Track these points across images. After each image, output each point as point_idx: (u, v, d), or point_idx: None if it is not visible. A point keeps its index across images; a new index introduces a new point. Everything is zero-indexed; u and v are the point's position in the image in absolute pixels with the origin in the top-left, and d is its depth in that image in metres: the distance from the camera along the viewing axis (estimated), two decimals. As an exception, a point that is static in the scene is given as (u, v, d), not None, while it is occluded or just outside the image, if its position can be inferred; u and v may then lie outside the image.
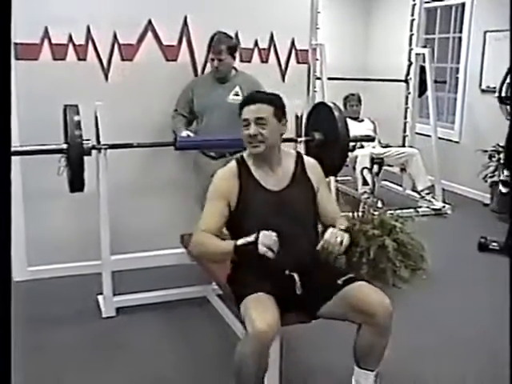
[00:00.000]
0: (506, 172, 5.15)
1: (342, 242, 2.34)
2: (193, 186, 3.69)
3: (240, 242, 2.26)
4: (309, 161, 2.64)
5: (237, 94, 3.54)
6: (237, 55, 3.66)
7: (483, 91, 6.18)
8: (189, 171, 3.80)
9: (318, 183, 2.61)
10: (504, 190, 5.09)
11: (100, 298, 3.43)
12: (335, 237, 2.35)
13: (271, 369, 2.56)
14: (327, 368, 2.74)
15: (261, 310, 2.14)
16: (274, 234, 2.22)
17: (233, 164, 2.51)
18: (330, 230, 2.39)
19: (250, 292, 2.25)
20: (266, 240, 2.19)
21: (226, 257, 2.39)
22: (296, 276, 2.37)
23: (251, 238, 2.22)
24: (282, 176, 2.50)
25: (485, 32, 6.08)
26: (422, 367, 2.86)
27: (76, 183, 2.97)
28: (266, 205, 2.41)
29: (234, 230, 2.45)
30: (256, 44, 4.10)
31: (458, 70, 6.73)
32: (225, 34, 3.59)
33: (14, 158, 3.49)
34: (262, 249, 2.17)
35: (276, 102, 2.44)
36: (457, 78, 6.76)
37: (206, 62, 3.82)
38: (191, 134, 3.39)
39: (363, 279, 2.44)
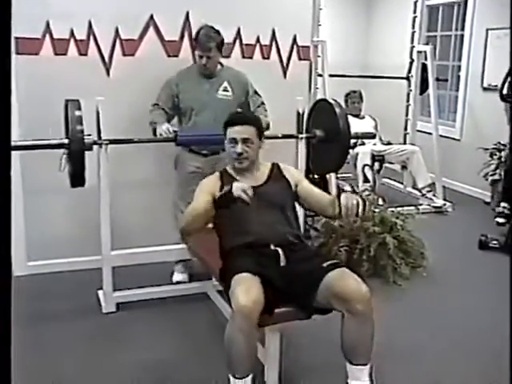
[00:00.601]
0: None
1: (358, 203, 2.42)
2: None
3: (218, 194, 2.55)
4: (285, 166, 2.93)
5: (226, 90, 3.49)
6: (223, 49, 3.54)
7: (485, 89, 6.17)
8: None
9: (296, 181, 2.85)
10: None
11: (100, 293, 3.43)
12: (350, 199, 2.43)
13: (271, 365, 2.58)
14: (327, 365, 2.74)
15: (244, 288, 2.24)
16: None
17: (217, 173, 2.85)
18: (343, 195, 2.47)
19: (236, 273, 2.36)
20: (240, 185, 2.42)
21: (208, 213, 2.57)
22: (280, 250, 2.55)
23: (227, 188, 2.45)
24: (259, 177, 2.80)
25: (487, 30, 6.06)
26: (420, 364, 2.86)
27: (77, 178, 2.96)
28: (244, 210, 2.52)
29: (218, 224, 2.72)
30: (258, 40, 4.09)
31: (459, 67, 6.72)
32: (212, 28, 3.43)
33: (14, 154, 3.49)
34: (236, 192, 2.37)
35: (258, 124, 2.79)
36: (458, 76, 6.74)
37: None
38: (171, 128, 3.26)
39: (344, 265, 2.51)
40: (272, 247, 2.58)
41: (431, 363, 2.87)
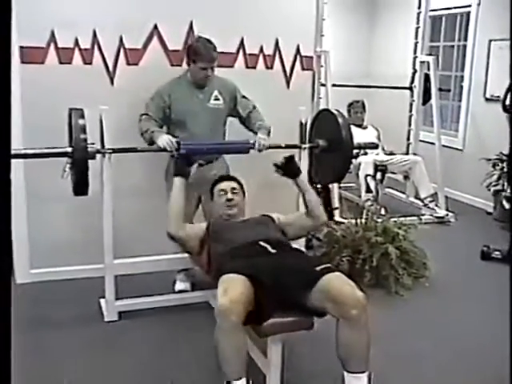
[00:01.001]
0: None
1: None
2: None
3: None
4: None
5: (217, 99, 3.48)
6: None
7: (487, 100, 6.18)
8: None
9: (277, 216, 3.12)
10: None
11: (102, 301, 3.43)
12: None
13: (273, 375, 2.58)
14: (329, 373, 2.73)
15: (225, 288, 2.32)
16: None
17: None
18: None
19: (221, 275, 2.45)
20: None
21: (178, 190, 3.02)
22: (269, 246, 2.71)
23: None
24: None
25: (490, 40, 6.08)
26: (422, 374, 2.85)
27: (80, 187, 2.97)
28: (235, 226, 2.98)
29: (210, 253, 2.94)
30: (261, 50, 4.11)
31: (462, 78, 6.73)
32: (207, 39, 3.40)
33: (17, 162, 3.51)
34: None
35: (241, 183, 3.21)
36: (461, 87, 6.76)
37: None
38: (173, 140, 3.19)
39: (339, 270, 2.59)
40: (261, 243, 2.73)
41: (433, 373, 2.86)
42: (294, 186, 3.17)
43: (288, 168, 3.08)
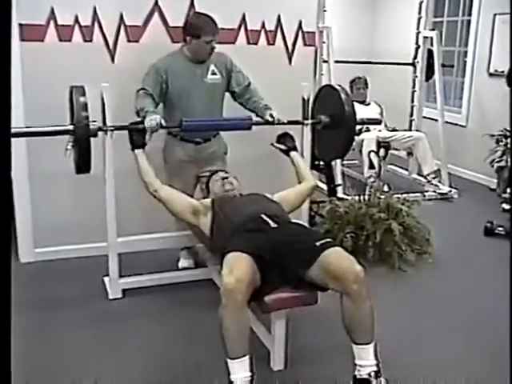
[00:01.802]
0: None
1: None
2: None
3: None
4: None
5: (214, 73, 3.43)
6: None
7: (491, 75, 6.12)
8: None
9: (270, 196, 3.14)
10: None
11: (106, 279, 3.45)
12: None
13: (277, 350, 2.60)
14: (333, 349, 2.75)
15: (229, 267, 2.33)
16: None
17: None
18: None
19: (226, 254, 2.46)
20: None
21: (140, 158, 3.13)
22: (270, 220, 2.72)
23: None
24: None
25: (494, 15, 6.01)
26: (424, 349, 2.87)
27: (82, 165, 2.96)
28: (236, 199, 3.05)
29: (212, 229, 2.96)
30: (263, 26, 4.06)
31: (466, 53, 6.66)
32: (205, 14, 3.35)
33: (19, 140, 3.51)
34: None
35: (235, 177, 3.26)
36: (465, 62, 6.69)
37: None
38: (159, 121, 3.13)
39: (339, 245, 2.62)
40: (263, 217, 2.75)
41: (436, 348, 2.87)
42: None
43: (283, 143, 3.44)
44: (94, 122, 2.99)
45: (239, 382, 2.25)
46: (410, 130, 6.22)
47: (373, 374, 2.35)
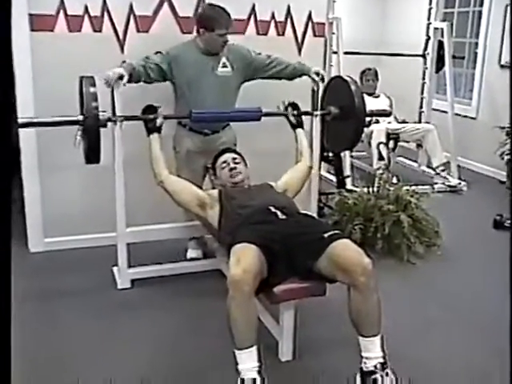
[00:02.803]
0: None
1: None
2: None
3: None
4: None
5: (225, 66, 3.40)
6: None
7: (502, 67, 6.08)
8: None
9: (275, 185, 3.21)
10: None
11: (115, 269, 3.46)
12: None
13: (285, 341, 2.60)
14: (341, 340, 2.75)
15: (236, 258, 2.33)
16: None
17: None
18: None
19: (233, 245, 2.46)
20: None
21: (154, 144, 3.17)
22: (278, 212, 2.74)
23: None
24: None
25: (506, 6, 5.96)
26: (432, 342, 2.87)
27: (92, 155, 2.97)
28: (244, 191, 3.06)
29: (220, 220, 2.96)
30: (273, 16, 4.04)
31: (476, 44, 6.62)
32: (219, 6, 3.33)
33: (29, 131, 3.53)
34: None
35: (241, 155, 3.28)
36: (475, 53, 6.65)
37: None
38: (125, 80, 3.07)
39: (347, 237, 2.62)
40: (271, 208, 2.76)
41: (443, 340, 2.87)
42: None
43: (294, 115, 3.49)
44: (104, 112, 3.00)
45: (247, 372, 2.27)
46: (420, 122, 6.20)
47: (379, 366, 2.35)
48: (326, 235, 2.51)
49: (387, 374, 2.34)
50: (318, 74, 3.55)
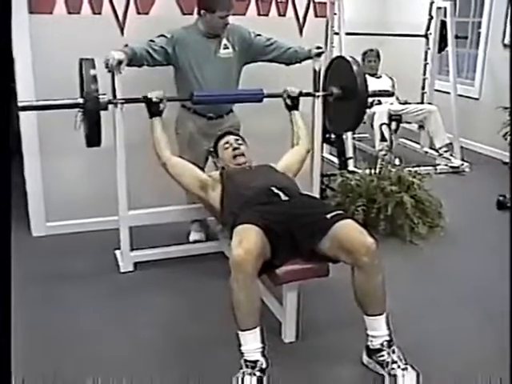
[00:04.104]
0: None
1: None
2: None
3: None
4: None
5: (226, 47, 3.38)
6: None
7: (505, 46, 6.02)
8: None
9: (275, 165, 3.19)
10: None
11: (118, 253, 3.46)
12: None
13: (288, 323, 2.61)
14: (344, 321, 2.76)
15: (240, 239, 2.32)
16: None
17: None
18: None
19: (236, 226, 2.46)
20: (155, 93, 3.12)
21: (157, 127, 3.16)
22: (281, 193, 2.72)
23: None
24: None
25: (510, -16, 5.90)
26: (434, 323, 2.87)
27: (92, 138, 2.96)
28: (246, 172, 3.06)
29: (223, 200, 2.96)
30: (274, -3, 4.01)
31: (480, 24, 6.56)
32: None
33: (30, 115, 3.51)
34: (151, 95, 3.11)
35: (243, 138, 3.28)
36: (479, 33, 6.59)
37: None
38: (124, 65, 3.06)
39: (350, 217, 2.60)
40: (274, 189, 2.74)
41: (446, 321, 2.87)
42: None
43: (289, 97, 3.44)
44: (104, 95, 2.98)
45: (251, 354, 2.27)
46: (422, 103, 6.16)
47: (385, 343, 2.37)
48: (328, 216, 2.50)
49: (393, 352, 2.36)
50: (319, 47, 3.52)
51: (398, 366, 2.32)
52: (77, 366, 2.45)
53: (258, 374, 2.23)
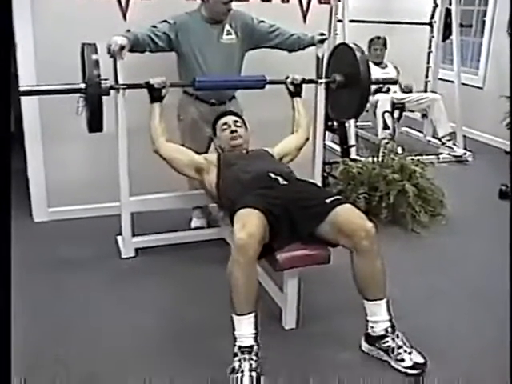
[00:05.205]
0: None
1: None
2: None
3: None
4: None
5: (229, 33, 3.36)
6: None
7: (511, 35, 5.98)
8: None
9: (271, 151, 3.21)
10: None
11: (119, 238, 3.47)
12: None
13: (289, 309, 2.61)
14: (345, 308, 2.76)
15: (243, 222, 2.33)
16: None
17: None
18: None
19: (237, 211, 2.46)
20: (156, 79, 3.10)
21: (155, 111, 3.14)
22: (279, 178, 2.74)
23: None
24: None
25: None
26: (435, 311, 2.87)
27: (94, 123, 2.95)
28: (243, 156, 3.06)
29: (220, 186, 2.97)
30: (277, -18, 3.98)
31: (485, 12, 6.51)
32: None
33: (32, 100, 3.50)
34: (153, 80, 3.08)
35: (243, 119, 3.28)
36: (483, 22, 6.55)
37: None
38: (125, 50, 3.03)
39: (349, 202, 2.62)
40: (272, 175, 2.75)
41: (447, 310, 2.88)
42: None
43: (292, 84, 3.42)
44: (106, 80, 2.97)
45: (244, 339, 2.27)
46: (426, 91, 6.13)
47: (389, 329, 2.38)
48: (328, 200, 2.51)
49: (398, 336, 2.37)
50: (322, 34, 3.51)
51: (405, 351, 2.33)
52: (78, 350, 2.45)
53: (254, 358, 2.23)
